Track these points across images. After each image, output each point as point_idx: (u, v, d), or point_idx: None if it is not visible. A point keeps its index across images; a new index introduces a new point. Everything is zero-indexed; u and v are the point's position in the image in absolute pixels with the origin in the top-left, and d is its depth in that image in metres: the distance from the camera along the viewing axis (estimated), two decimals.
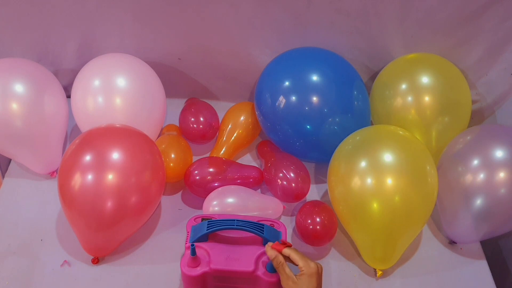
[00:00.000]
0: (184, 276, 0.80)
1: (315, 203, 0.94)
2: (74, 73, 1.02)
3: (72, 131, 1.11)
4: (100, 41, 1.06)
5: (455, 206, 0.92)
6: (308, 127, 0.98)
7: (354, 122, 0.99)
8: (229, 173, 0.98)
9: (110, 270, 0.89)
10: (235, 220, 0.83)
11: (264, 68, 1.07)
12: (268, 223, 0.87)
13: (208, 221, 0.84)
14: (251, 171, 1.01)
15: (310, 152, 1.02)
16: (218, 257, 0.80)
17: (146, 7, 0.99)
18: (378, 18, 1.00)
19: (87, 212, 0.83)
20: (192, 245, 0.78)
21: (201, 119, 1.06)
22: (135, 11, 1.00)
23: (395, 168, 0.86)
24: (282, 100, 0.98)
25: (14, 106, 0.92)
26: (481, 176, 0.88)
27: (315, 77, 0.98)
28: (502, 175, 0.87)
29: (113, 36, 1.06)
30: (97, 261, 0.89)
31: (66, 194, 0.84)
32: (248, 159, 1.11)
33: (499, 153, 0.89)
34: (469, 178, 0.89)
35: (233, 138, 1.07)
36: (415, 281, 0.92)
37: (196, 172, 0.97)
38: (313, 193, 1.04)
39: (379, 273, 0.90)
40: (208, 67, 1.13)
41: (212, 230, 0.82)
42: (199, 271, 0.79)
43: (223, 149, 1.06)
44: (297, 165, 0.99)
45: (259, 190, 1.03)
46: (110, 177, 0.82)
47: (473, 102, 1.07)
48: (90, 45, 1.07)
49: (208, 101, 1.14)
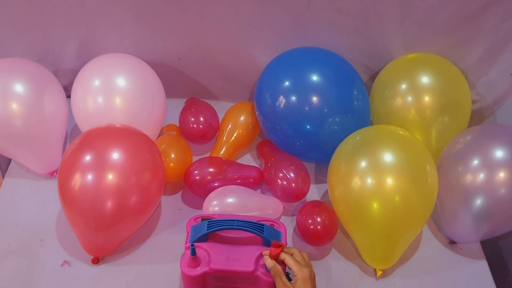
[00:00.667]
0: (184, 276, 0.80)
1: (315, 203, 0.94)
2: (74, 73, 1.02)
3: (72, 131, 1.11)
4: (100, 41, 1.06)
5: (455, 206, 0.92)
6: (308, 127, 0.98)
7: (354, 122, 0.99)
8: (229, 173, 0.98)
9: (110, 270, 0.89)
10: (235, 220, 0.83)
11: (264, 68, 1.07)
12: (268, 223, 0.87)
13: (208, 221, 0.84)
14: (251, 171, 1.01)
15: (310, 152, 1.02)
16: (218, 257, 0.80)
17: (146, 7, 0.98)
18: (378, 18, 1.00)
19: (87, 212, 0.83)
20: (192, 245, 0.78)
21: (201, 119, 1.06)
22: (135, 11, 1.00)
23: (395, 168, 0.86)
24: (282, 100, 0.98)
25: (14, 106, 0.92)
26: (481, 176, 0.88)
27: (315, 77, 0.98)
28: (502, 175, 0.87)
29: (113, 36, 1.06)
30: (97, 261, 0.89)
31: (66, 194, 0.84)
32: (248, 159, 1.11)
33: (499, 153, 0.89)
34: (469, 178, 0.89)
35: (233, 138, 1.07)
36: (415, 281, 0.92)
37: (196, 172, 0.97)
38: (313, 193, 1.04)
39: (379, 273, 0.90)
40: (208, 67, 1.13)
41: (212, 230, 0.82)
42: (199, 271, 0.79)
43: (223, 149, 1.06)
44: (297, 165, 0.99)
45: (259, 190, 1.03)
46: (110, 177, 0.82)
47: (473, 102, 1.07)
48: (90, 45, 1.07)
49: (208, 101, 1.14)
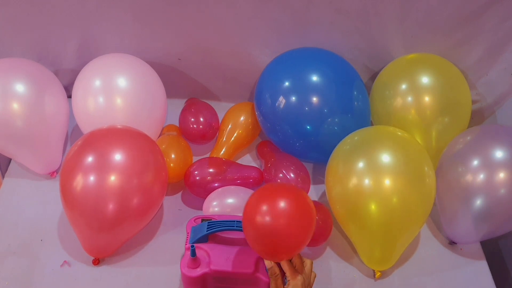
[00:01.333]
0: (184, 277, 0.80)
1: None
2: (74, 73, 1.02)
3: (73, 131, 1.11)
4: (100, 41, 1.06)
5: (455, 207, 0.92)
6: (308, 127, 0.98)
7: (354, 122, 0.99)
8: (229, 173, 0.98)
9: (110, 271, 0.89)
10: (235, 221, 0.82)
11: (264, 68, 1.07)
12: None
13: (208, 222, 0.84)
14: (251, 171, 1.01)
15: (310, 152, 1.02)
16: (218, 258, 0.80)
17: (146, 7, 0.98)
18: (378, 18, 1.00)
19: (89, 214, 0.82)
20: (192, 246, 0.78)
21: (201, 119, 1.06)
22: (135, 11, 1.00)
23: (393, 168, 0.86)
24: (282, 100, 0.98)
25: (15, 106, 0.92)
26: (481, 176, 0.88)
27: (315, 77, 0.98)
28: (502, 175, 0.87)
29: (113, 36, 1.06)
30: (98, 262, 0.89)
31: (68, 195, 0.83)
32: (248, 159, 1.11)
33: (499, 154, 0.89)
34: (469, 178, 0.89)
35: (233, 138, 1.07)
36: (415, 281, 0.92)
37: (196, 172, 0.97)
38: (312, 194, 1.04)
39: (378, 274, 0.90)
40: (208, 67, 1.13)
41: (212, 231, 0.82)
42: (199, 272, 0.79)
43: (223, 150, 1.06)
44: (297, 166, 0.99)
45: None
46: (113, 178, 0.82)
47: (473, 102, 1.07)
48: (90, 45, 1.07)
49: (208, 101, 1.14)
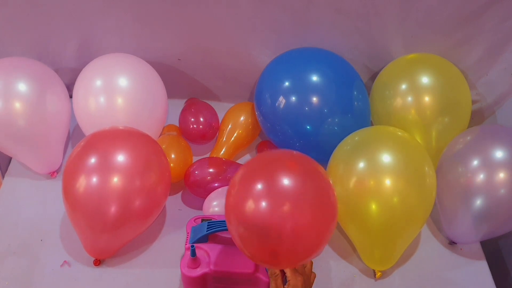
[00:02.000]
0: (184, 277, 0.80)
1: None
2: (75, 72, 1.02)
3: (74, 131, 1.11)
4: (100, 41, 1.06)
5: (455, 207, 0.92)
6: (308, 127, 0.98)
7: (354, 123, 0.99)
8: (229, 173, 0.98)
9: (110, 271, 0.89)
10: None
11: (264, 68, 1.07)
12: None
13: (208, 222, 0.84)
14: None
15: (310, 152, 1.02)
16: (218, 258, 0.80)
17: (146, 7, 0.98)
18: (378, 18, 1.00)
19: (91, 215, 0.82)
20: (192, 246, 0.78)
21: (201, 119, 1.06)
22: (135, 11, 1.00)
23: (393, 169, 0.86)
24: (282, 101, 0.98)
25: (17, 104, 0.91)
26: (481, 176, 0.88)
27: (315, 78, 0.98)
28: (502, 175, 0.87)
29: (113, 36, 1.06)
30: (98, 263, 0.89)
31: (70, 196, 0.83)
32: (248, 159, 1.11)
33: (499, 154, 0.89)
34: (469, 178, 0.89)
35: (233, 138, 1.07)
36: (415, 281, 0.92)
37: (196, 172, 0.97)
38: None
39: (378, 274, 0.90)
40: (208, 67, 1.13)
41: (212, 231, 0.82)
42: (199, 272, 0.79)
43: (223, 150, 1.06)
44: None
45: None
46: (115, 180, 0.81)
47: (473, 102, 1.07)
48: (90, 45, 1.07)
49: (208, 101, 1.14)
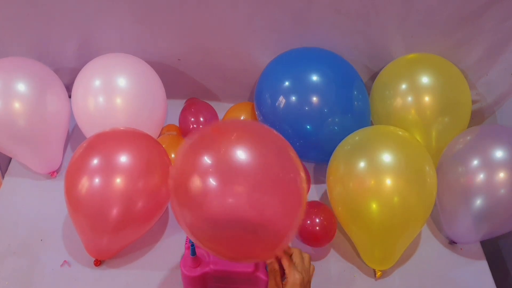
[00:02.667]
0: (184, 277, 0.80)
1: (314, 203, 0.94)
2: (74, 73, 1.02)
3: (73, 131, 1.11)
4: (100, 41, 1.06)
5: (455, 206, 0.92)
6: (308, 127, 0.98)
7: (354, 122, 0.99)
8: None
9: (110, 271, 0.89)
10: None
11: (264, 68, 1.07)
12: None
13: None
14: None
15: (310, 152, 1.02)
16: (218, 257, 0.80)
17: (146, 7, 0.98)
18: (378, 18, 1.00)
19: (94, 216, 0.82)
20: (192, 245, 0.78)
21: (201, 119, 1.06)
22: (135, 11, 1.00)
23: (394, 168, 0.86)
24: (282, 100, 0.98)
25: (16, 104, 0.92)
26: (481, 176, 0.88)
27: (315, 77, 0.98)
28: (502, 175, 0.87)
29: (113, 36, 1.06)
30: (99, 263, 0.89)
31: (72, 197, 0.83)
32: None
33: (499, 154, 0.89)
34: (469, 178, 0.89)
35: None
36: (415, 281, 0.92)
37: None
38: (313, 194, 1.04)
39: (379, 273, 0.90)
40: (208, 67, 1.13)
41: None
42: (199, 271, 0.78)
43: None
44: None
45: None
46: (118, 181, 0.81)
47: (473, 102, 1.07)
48: (90, 45, 1.07)
49: (208, 101, 1.14)
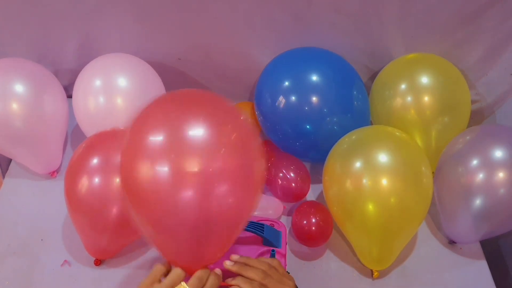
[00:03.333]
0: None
1: (311, 203, 0.94)
2: (74, 73, 1.02)
3: (73, 131, 1.11)
4: (100, 41, 1.06)
5: (454, 206, 0.92)
6: (307, 127, 0.98)
7: (353, 122, 0.99)
8: None
9: (110, 271, 0.89)
10: None
11: (264, 68, 1.07)
12: (268, 223, 0.88)
13: None
14: None
15: (310, 152, 1.02)
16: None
17: (146, 7, 0.99)
18: (378, 18, 1.00)
19: (94, 216, 0.82)
20: None
21: None
22: (135, 11, 1.00)
23: (390, 168, 0.85)
24: (281, 100, 0.98)
25: (14, 106, 0.92)
26: (481, 176, 0.88)
27: (314, 77, 0.98)
28: (501, 175, 0.87)
29: (113, 36, 1.06)
30: (99, 263, 0.89)
31: (72, 197, 0.83)
32: None
33: (498, 153, 0.89)
34: (468, 178, 0.89)
35: None
36: (415, 281, 0.92)
37: None
38: (309, 193, 1.03)
39: (376, 274, 0.90)
40: (208, 67, 1.13)
41: None
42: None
43: None
44: (297, 165, 0.99)
45: None
46: (117, 180, 0.81)
47: (473, 102, 1.08)
48: (90, 45, 1.07)
49: None
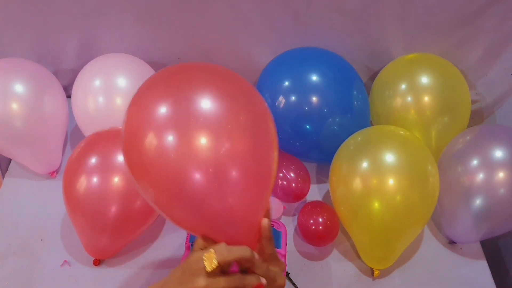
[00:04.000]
0: None
1: (316, 203, 0.94)
2: (74, 73, 1.02)
3: (73, 131, 1.11)
4: (100, 41, 1.06)
5: (455, 206, 0.92)
6: (307, 127, 0.98)
7: (353, 122, 0.99)
8: None
9: (110, 271, 0.89)
10: None
11: (264, 68, 1.07)
12: None
13: None
14: None
15: (310, 152, 1.02)
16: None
17: (146, 7, 0.99)
18: (378, 18, 1.00)
19: (92, 215, 0.82)
20: (192, 245, 0.78)
21: None
22: (135, 11, 1.00)
23: (396, 168, 0.86)
24: (281, 100, 0.98)
25: (14, 106, 0.92)
26: (481, 176, 0.88)
27: (314, 77, 0.98)
28: (501, 175, 0.87)
29: (113, 36, 1.06)
30: (98, 262, 0.89)
31: (71, 197, 0.83)
32: None
33: (498, 153, 0.89)
34: (468, 178, 0.89)
35: None
36: (415, 281, 0.92)
37: None
38: (314, 193, 1.04)
39: (376, 273, 0.90)
40: None
41: None
42: None
43: None
44: (297, 165, 0.99)
45: None
46: (116, 180, 0.82)
47: (473, 102, 1.08)
48: (90, 45, 1.07)
49: None
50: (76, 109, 0.99)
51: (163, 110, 0.54)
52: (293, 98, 0.98)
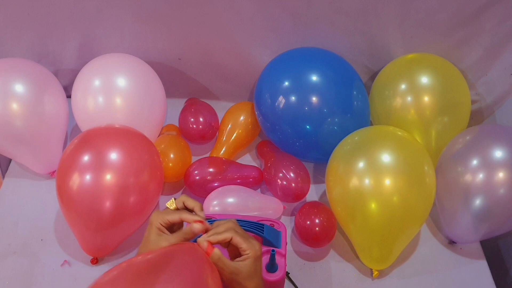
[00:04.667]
0: None
1: (314, 204, 0.94)
2: (74, 73, 1.02)
3: (73, 131, 1.11)
4: (100, 41, 1.06)
5: (454, 206, 0.92)
6: (307, 127, 0.98)
7: (353, 122, 0.99)
8: (229, 173, 0.98)
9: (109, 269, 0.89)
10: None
11: (264, 68, 1.07)
12: (268, 223, 0.87)
13: (208, 221, 0.84)
14: (251, 171, 1.01)
15: (310, 152, 1.02)
16: None
17: (146, 7, 0.99)
18: (378, 18, 1.00)
19: (86, 213, 0.83)
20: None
21: (201, 119, 1.06)
22: (135, 11, 1.00)
23: (393, 168, 0.86)
24: (281, 100, 0.98)
25: (14, 106, 0.92)
26: (481, 176, 0.88)
27: (314, 77, 0.98)
28: (501, 175, 0.87)
29: (113, 36, 1.06)
30: (96, 261, 0.89)
31: (64, 194, 0.84)
32: (248, 159, 1.11)
33: (498, 153, 0.89)
34: (468, 178, 0.90)
35: (233, 138, 1.07)
36: (415, 281, 0.92)
37: (196, 172, 0.97)
38: (312, 193, 1.04)
39: (375, 273, 0.90)
40: (208, 67, 1.13)
41: None
42: None
43: (223, 149, 1.06)
44: (297, 165, 0.99)
45: (259, 190, 1.04)
46: (108, 177, 0.82)
47: (473, 102, 1.08)
48: (90, 45, 1.07)
49: (208, 101, 1.14)
50: (76, 109, 0.99)
51: None
52: (293, 98, 0.98)
